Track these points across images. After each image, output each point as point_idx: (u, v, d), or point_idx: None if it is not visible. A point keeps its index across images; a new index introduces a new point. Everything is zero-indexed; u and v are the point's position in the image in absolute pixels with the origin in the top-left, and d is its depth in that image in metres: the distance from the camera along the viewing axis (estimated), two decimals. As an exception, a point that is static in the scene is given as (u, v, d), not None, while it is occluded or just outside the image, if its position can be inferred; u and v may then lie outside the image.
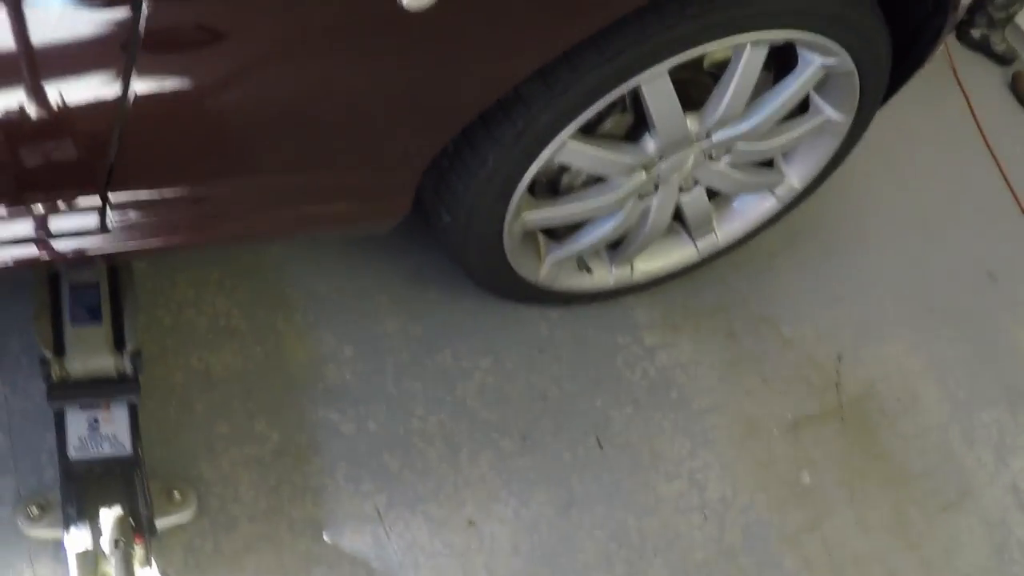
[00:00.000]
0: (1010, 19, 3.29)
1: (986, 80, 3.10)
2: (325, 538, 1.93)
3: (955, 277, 2.57)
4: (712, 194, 2.12)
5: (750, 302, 2.39)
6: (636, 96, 1.79)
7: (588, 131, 1.83)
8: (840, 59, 1.86)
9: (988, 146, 2.86)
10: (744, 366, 2.30)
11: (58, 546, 1.76)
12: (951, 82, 2.96)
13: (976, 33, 3.30)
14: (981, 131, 2.87)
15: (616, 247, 2.15)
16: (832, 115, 2.03)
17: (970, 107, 2.91)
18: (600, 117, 1.82)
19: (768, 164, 2.13)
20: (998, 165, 2.89)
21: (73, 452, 1.81)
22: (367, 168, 1.72)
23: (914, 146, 2.75)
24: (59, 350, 1.88)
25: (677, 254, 2.24)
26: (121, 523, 1.71)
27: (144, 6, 1.28)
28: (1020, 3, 3.24)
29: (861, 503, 2.20)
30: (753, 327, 2.35)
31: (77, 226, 1.61)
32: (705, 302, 2.36)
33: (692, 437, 2.19)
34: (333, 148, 1.65)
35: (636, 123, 1.90)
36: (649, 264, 2.22)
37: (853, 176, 2.38)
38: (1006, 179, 2.86)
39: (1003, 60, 3.32)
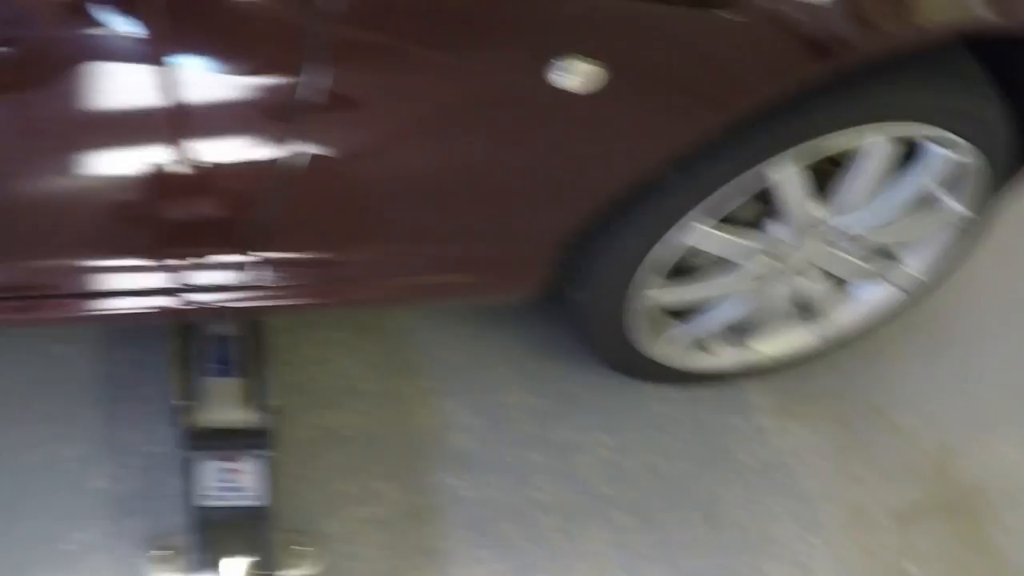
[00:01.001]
0: None
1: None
2: (441, 602, 1.94)
3: None
4: (834, 281, 2.21)
5: (862, 391, 2.50)
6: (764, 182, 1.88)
7: (716, 215, 1.95)
8: (965, 153, 1.97)
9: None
10: (854, 453, 2.40)
11: None
12: None
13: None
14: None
15: (736, 329, 2.26)
16: (957, 208, 2.12)
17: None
18: (728, 202, 1.94)
19: (891, 254, 2.24)
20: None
21: (203, 500, 1.93)
22: (504, 241, 1.86)
23: None
24: (195, 399, 2.02)
25: (796, 340, 2.34)
26: (244, 574, 1.82)
27: (303, 75, 1.41)
28: None
29: None
30: (865, 415, 2.46)
31: (217, 281, 1.75)
32: (819, 388, 2.47)
33: (800, 521, 2.29)
34: (475, 220, 1.79)
35: (763, 208, 2.01)
36: (768, 348, 2.33)
37: (970, 267, 2.48)
38: None
39: None
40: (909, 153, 2.00)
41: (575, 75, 1.54)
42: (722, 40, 1.60)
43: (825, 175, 2.02)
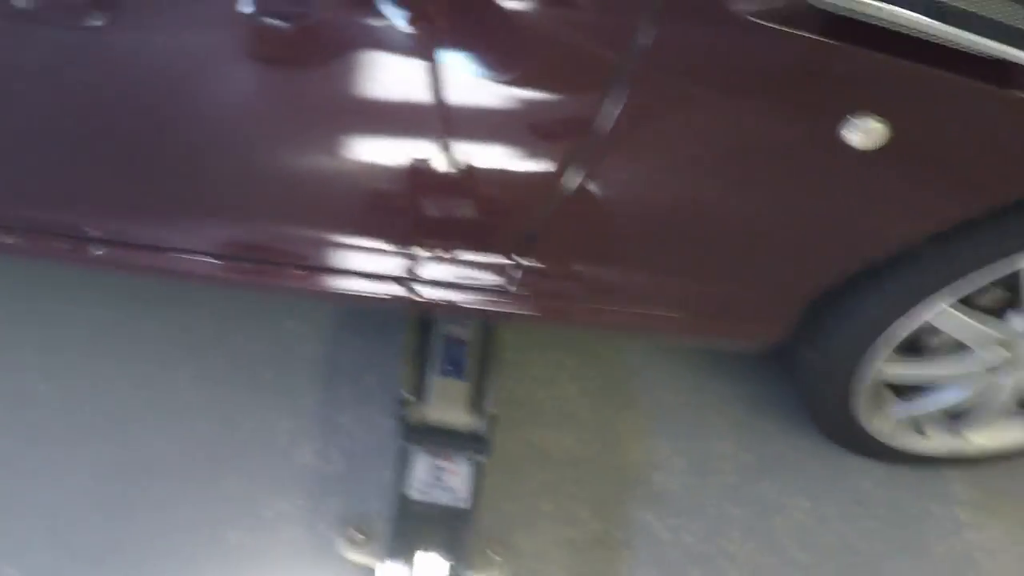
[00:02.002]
0: None
1: None
2: (620, 634, 2.01)
3: None
4: None
5: None
6: (1015, 273, 1.96)
7: (963, 299, 2.02)
8: None
9: None
10: None
11: (367, 573, 2.01)
12: None
13: None
14: None
15: (957, 417, 2.32)
16: None
17: None
18: (978, 287, 1.99)
19: None
20: None
21: (413, 493, 2.04)
22: (755, 288, 1.95)
23: None
24: (421, 395, 2.14)
25: (1012, 435, 2.40)
26: (440, 571, 1.93)
27: (600, 101, 1.52)
28: None
29: None
30: None
31: (455, 278, 1.87)
32: (1022, 488, 2.51)
33: None
34: (732, 263, 1.88)
35: (1007, 297, 2.08)
36: (984, 440, 2.39)
37: None
38: None
39: None
40: None
41: (861, 132, 1.61)
42: (1008, 121, 1.66)
43: None
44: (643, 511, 2.29)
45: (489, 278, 1.85)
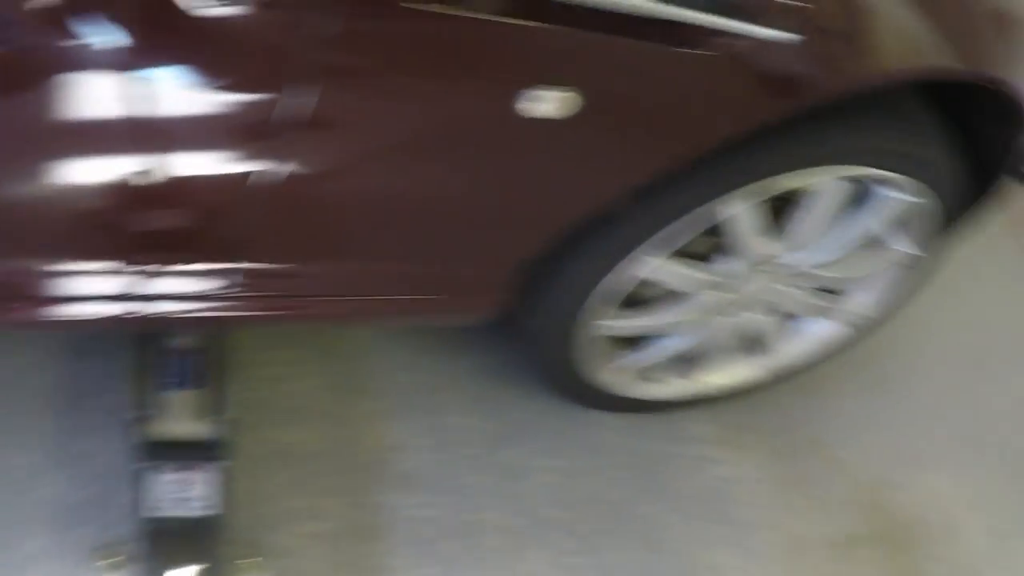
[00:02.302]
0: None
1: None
2: (383, 618, 2.12)
3: (1006, 416, 2.88)
4: (782, 316, 2.41)
5: (803, 423, 2.71)
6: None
7: (669, 247, 2.13)
8: (916, 195, 2.16)
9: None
10: (794, 485, 2.61)
11: None
12: (1015, 213, 3.30)
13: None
14: (1033, 266, 3.13)
15: (683, 360, 2.45)
16: (906, 247, 2.33)
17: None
18: (684, 238, 2.10)
19: (838, 291, 2.43)
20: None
21: (155, 511, 2.08)
22: (465, 264, 2.03)
23: (975, 281, 3.09)
24: (152, 410, 2.18)
25: (743, 372, 2.55)
26: None
27: (283, 94, 1.57)
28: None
29: None
30: (804, 448, 2.67)
31: (180, 290, 1.90)
32: (761, 421, 2.68)
33: (740, 551, 2.49)
34: (438, 242, 1.95)
35: (716, 243, 2.19)
36: (714, 379, 2.53)
37: (913, 307, 2.67)
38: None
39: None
40: (860, 192, 2.20)
41: (548, 103, 1.69)
42: (691, 76, 1.78)
43: (778, 211, 2.21)
44: (391, 494, 2.38)
45: (210, 285, 1.90)
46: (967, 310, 3.10)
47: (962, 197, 2.26)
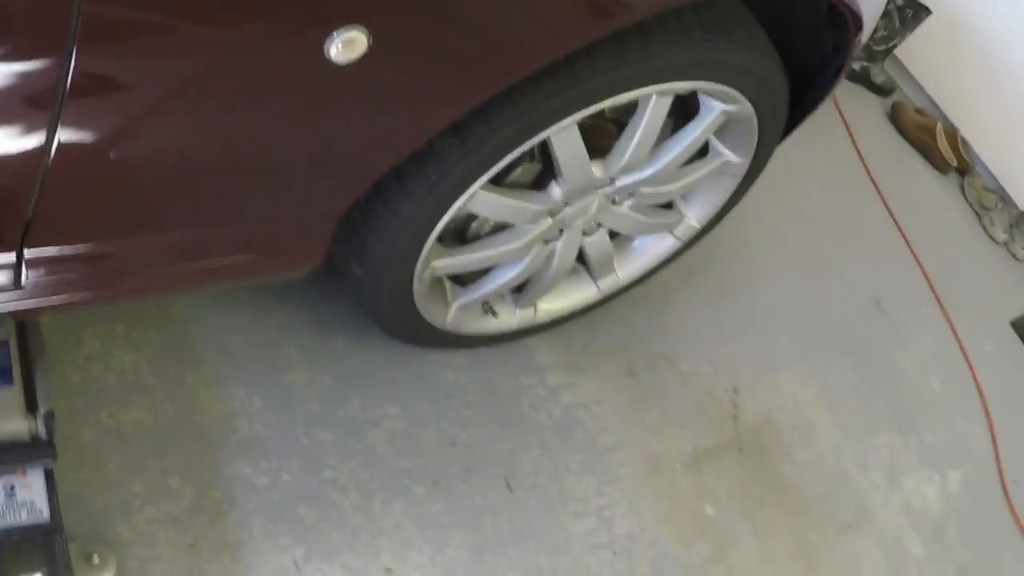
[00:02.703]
0: (889, 52, 3.85)
1: (867, 110, 3.55)
2: (244, 594, 2.12)
3: (844, 307, 3.00)
4: (613, 234, 2.47)
5: (648, 340, 2.78)
6: (544, 145, 2.10)
7: (497, 180, 2.13)
8: (740, 105, 2.21)
9: (871, 177, 3.31)
10: (645, 403, 2.69)
11: None
12: (834, 113, 3.40)
13: (857, 65, 3.87)
14: (863, 162, 3.32)
15: (520, 290, 2.48)
16: (731, 157, 2.39)
17: (852, 139, 3.36)
18: (509, 166, 2.13)
19: (668, 206, 2.50)
20: (881, 196, 3.36)
21: None
22: (279, 221, 1.98)
23: (801, 180, 3.17)
24: None
25: (579, 294, 2.59)
26: None
27: (73, 58, 1.47)
28: (899, 37, 3.81)
29: (763, 532, 2.60)
30: (652, 364, 2.75)
31: None
32: (605, 341, 2.74)
33: (598, 475, 2.55)
34: (248, 200, 1.88)
35: (543, 171, 2.21)
36: (552, 305, 2.57)
37: (744, 213, 2.74)
38: (889, 209, 3.34)
39: (883, 91, 3.89)
40: (680, 107, 2.23)
41: (340, 44, 1.63)
42: (490, 3, 1.71)
43: (603, 133, 2.25)
44: (235, 463, 2.34)
45: (13, 276, 1.81)
46: (797, 205, 3.20)
47: (784, 104, 2.31)
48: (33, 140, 1.55)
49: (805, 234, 3.09)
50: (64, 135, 1.55)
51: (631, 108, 2.13)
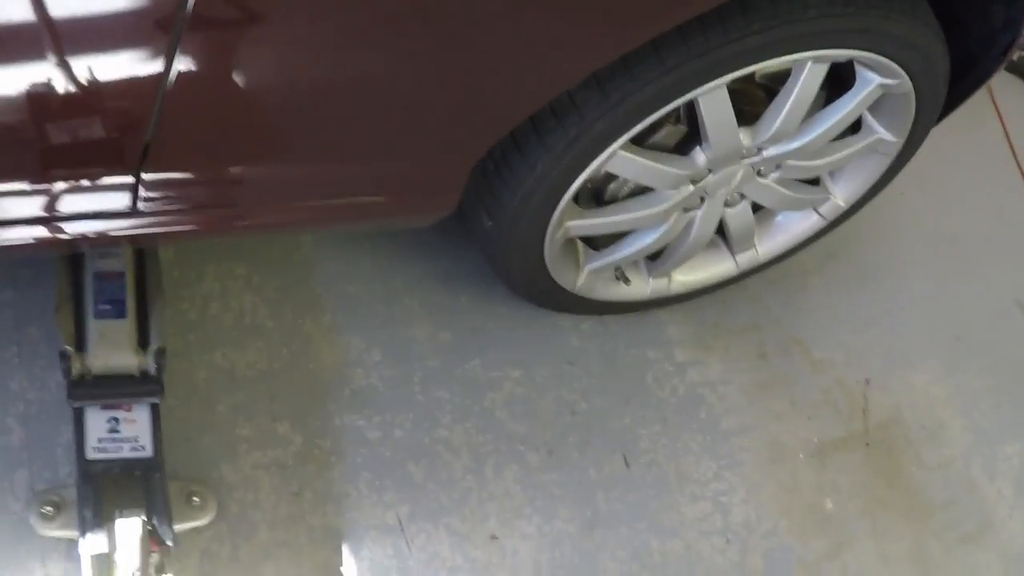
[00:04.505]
0: (1049, 42, 3.59)
1: (1022, 103, 3.36)
2: (345, 548, 2.11)
3: (984, 305, 2.80)
4: (755, 208, 2.32)
5: (782, 322, 2.62)
6: (691, 107, 1.97)
7: (639, 141, 2.01)
8: (899, 80, 2.05)
9: (1022, 172, 3.10)
10: (773, 388, 2.53)
11: (71, 545, 1.92)
12: (987, 103, 3.19)
13: (1015, 55, 3.62)
14: (1016, 157, 3.10)
15: (655, 258, 2.36)
16: (885, 135, 2.23)
17: (1005, 131, 3.14)
18: (653, 127, 2.00)
19: (815, 182, 2.34)
20: (1032, 193, 3.10)
21: (92, 452, 1.95)
22: (412, 161, 1.88)
23: (949, 169, 2.98)
24: (80, 345, 2.03)
25: (716, 268, 2.46)
26: (140, 532, 1.87)
27: None
28: (1060, 25, 3.54)
29: (882, 533, 2.43)
30: (784, 348, 2.58)
31: (107, 206, 1.74)
32: (737, 320, 2.58)
33: (718, 459, 2.41)
34: (379, 137, 1.79)
35: (689, 135, 2.08)
36: (688, 277, 2.43)
37: (888, 198, 2.58)
38: (1039, 207, 3.08)
39: (1041, 84, 3.63)
40: (835, 79, 2.07)
41: None
42: None
43: (752, 100, 2.10)
44: (346, 414, 2.24)
45: (135, 200, 1.74)
46: (943, 196, 3.01)
47: (944, 82, 2.15)
48: (151, 64, 1.47)
49: (949, 227, 2.90)
50: (180, 61, 1.47)
51: (783, 75, 1.98)
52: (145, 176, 1.68)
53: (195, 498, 2.03)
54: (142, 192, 1.71)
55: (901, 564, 2.42)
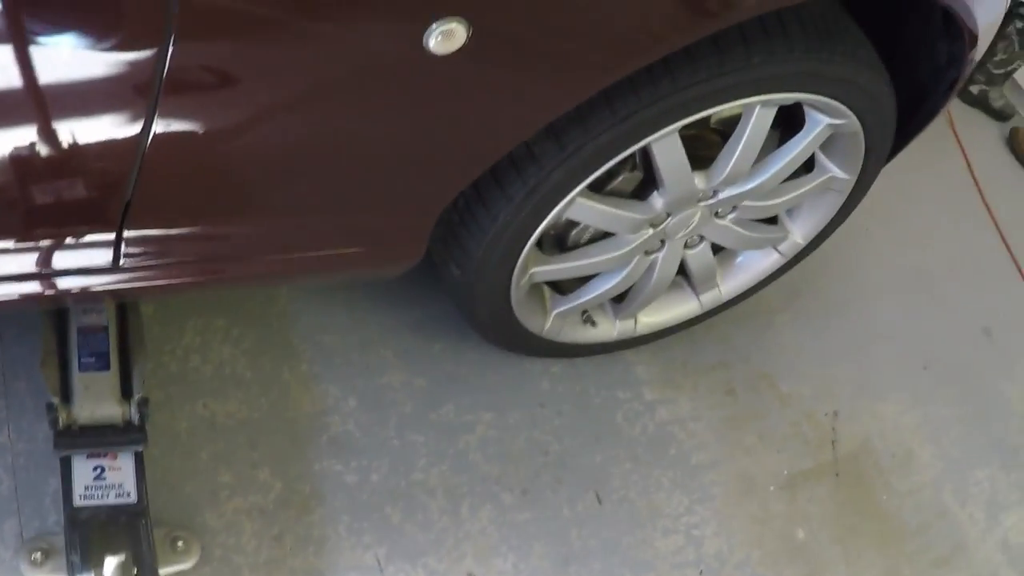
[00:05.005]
0: (1008, 75, 3.65)
1: (984, 135, 3.39)
2: (326, 590, 2.06)
3: (951, 335, 2.85)
4: (716, 248, 2.36)
5: (749, 359, 2.66)
6: (646, 154, 2.01)
7: (597, 188, 2.05)
8: (847, 120, 2.09)
9: (985, 203, 3.15)
10: (742, 422, 2.56)
11: None
12: (949, 137, 3.24)
13: (975, 89, 3.68)
14: (979, 188, 3.15)
15: (620, 301, 2.39)
16: (837, 173, 2.27)
17: (968, 163, 3.20)
18: (610, 174, 2.04)
19: (773, 220, 2.38)
20: (995, 222, 3.20)
21: (78, 499, 1.99)
22: (379, 214, 1.91)
23: (912, 203, 3.03)
24: (66, 396, 2.08)
25: (680, 308, 2.49)
26: (124, 573, 1.91)
27: (171, 48, 1.43)
28: (1019, 60, 3.61)
29: (855, 560, 2.46)
30: (752, 384, 2.62)
31: (89, 262, 1.78)
32: (705, 358, 2.62)
33: (690, 493, 2.44)
34: (347, 193, 1.83)
35: (645, 180, 2.12)
36: (653, 317, 2.47)
37: (852, 233, 2.62)
38: (1003, 237, 3.16)
39: (1001, 116, 3.70)
40: (786, 120, 2.13)
41: (439, 35, 1.56)
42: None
43: (708, 144, 2.14)
44: (324, 460, 2.29)
45: (117, 256, 1.77)
46: (908, 230, 3.07)
47: (892, 119, 2.19)
48: (131, 126, 1.52)
49: (915, 258, 2.96)
50: (160, 123, 1.52)
51: (737, 119, 2.02)
52: (127, 233, 1.72)
53: (179, 543, 2.07)
54: (124, 248, 1.74)
55: (874, 590, 2.33)
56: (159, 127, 1.53)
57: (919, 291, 2.90)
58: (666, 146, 1.97)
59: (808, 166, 2.26)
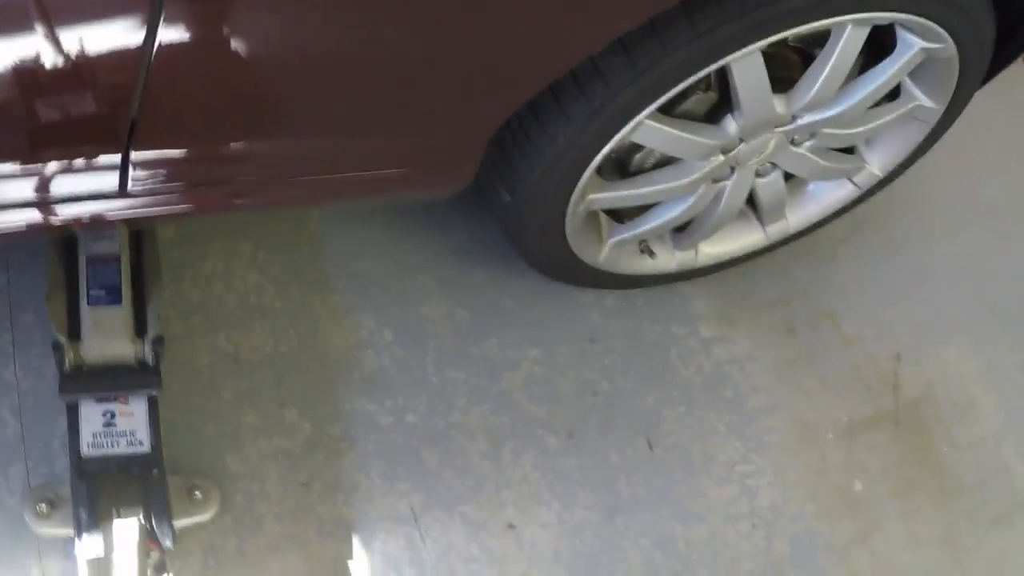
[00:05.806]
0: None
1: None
2: (356, 540, 2.00)
3: (1018, 278, 2.68)
4: (787, 177, 2.20)
5: (811, 295, 2.48)
6: (722, 73, 1.85)
7: (667, 110, 1.88)
8: (943, 44, 1.93)
9: (1059, 141, 2.91)
10: (802, 364, 2.40)
11: (69, 542, 1.81)
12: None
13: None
14: (1054, 125, 2.93)
15: (682, 230, 2.23)
16: (925, 102, 2.10)
17: (1043, 98, 2.95)
18: (682, 95, 1.88)
19: (849, 150, 2.22)
20: (1069, 162, 2.95)
21: (86, 449, 1.84)
22: (426, 133, 1.77)
23: (982, 137, 2.83)
24: (74, 334, 1.90)
25: (745, 239, 2.33)
26: (137, 535, 1.76)
27: None
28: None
29: (912, 516, 2.32)
30: (813, 322, 2.45)
31: (96, 187, 1.64)
32: (765, 293, 2.45)
33: (745, 440, 2.29)
34: (389, 109, 1.68)
35: (719, 102, 1.95)
36: (715, 248, 2.31)
37: (920, 167, 2.45)
38: (1076, 177, 2.92)
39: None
40: (871, 43, 1.94)
41: None
42: None
43: (787, 65, 1.98)
44: (358, 399, 2.11)
45: (130, 180, 1.63)
46: (976, 163, 2.85)
47: (990, 46, 2.01)
48: (133, 32, 1.36)
49: (983, 196, 2.76)
50: (166, 31, 1.36)
51: (819, 37, 1.85)
52: (134, 155, 1.57)
53: (197, 492, 1.91)
54: (132, 172, 1.59)
55: (931, 548, 2.31)
56: (164, 34, 1.35)
57: (986, 230, 2.71)
58: (747, 66, 1.80)
59: (892, 93, 2.08)
